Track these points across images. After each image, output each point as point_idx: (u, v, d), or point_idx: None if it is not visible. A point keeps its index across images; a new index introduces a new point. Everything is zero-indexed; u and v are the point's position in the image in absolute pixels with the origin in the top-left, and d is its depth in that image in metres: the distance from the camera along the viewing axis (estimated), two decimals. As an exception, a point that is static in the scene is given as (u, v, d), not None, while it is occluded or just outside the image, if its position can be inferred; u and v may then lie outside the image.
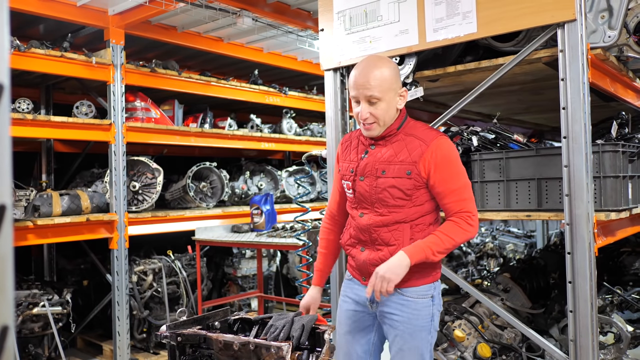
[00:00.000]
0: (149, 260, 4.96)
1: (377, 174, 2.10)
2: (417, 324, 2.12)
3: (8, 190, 0.59)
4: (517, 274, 3.82)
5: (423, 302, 2.13)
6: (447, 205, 2.08)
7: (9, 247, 0.59)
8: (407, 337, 2.12)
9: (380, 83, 2.04)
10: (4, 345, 0.58)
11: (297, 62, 6.09)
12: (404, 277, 2.05)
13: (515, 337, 3.08)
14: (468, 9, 2.62)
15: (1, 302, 0.58)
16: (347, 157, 2.25)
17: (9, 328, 0.59)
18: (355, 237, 2.21)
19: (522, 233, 7.70)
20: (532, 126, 5.27)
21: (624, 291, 3.79)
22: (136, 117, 4.86)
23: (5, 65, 0.57)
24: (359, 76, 2.07)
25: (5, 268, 0.59)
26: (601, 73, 2.72)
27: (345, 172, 2.23)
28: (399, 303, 2.13)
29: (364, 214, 2.16)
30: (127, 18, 4.45)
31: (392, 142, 2.12)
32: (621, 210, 2.63)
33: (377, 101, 2.05)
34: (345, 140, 2.33)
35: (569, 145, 2.39)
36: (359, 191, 2.16)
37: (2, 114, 0.55)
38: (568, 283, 2.39)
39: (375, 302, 2.20)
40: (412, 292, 2.12)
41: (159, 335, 2.08)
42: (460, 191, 2.07)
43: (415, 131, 2.12)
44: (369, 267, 2.15)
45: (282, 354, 1.80)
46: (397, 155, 2.09)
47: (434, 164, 2.04)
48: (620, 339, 3.02)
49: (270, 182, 6.25)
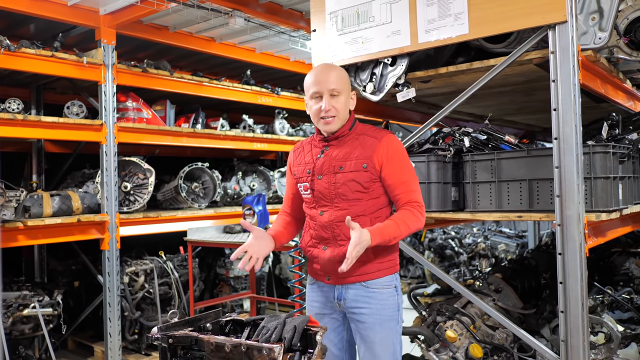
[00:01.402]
0: (140, 261, 4.94)
1: (335, 171, 2.24)
2: (385, 314, 2.24)
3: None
4: (508, 274, 3.83)
5: (388, 292, 2.26)
6: (398, 196, 2.23)
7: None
8: (377, 328, 2.23)
9: (340, 79, 2.25)
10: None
11: (289, 63, 6.09)
12: (368, 270, 2.23)
13: (507, 338, 3.09)
14: (460, 10, 2.62)
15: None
16: (302, 161, 2.38)
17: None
18: (317, 237, 2.31)
19: (513, 233, 7.74)
20: (524, 127, 5.29)
21: (614, 291, 3.81)
22: (128, 117, 4.84)
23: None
24: (320, 73, 2.26)
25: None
26: (592, 74, 2.73)
27: (301, 175, 2.35)
28: (365, 296, 2.24)
29: (324, 211, 2.28)
30: (119, 18, 4.43)
31: (345, 142, 2.28)
32: (612, 211, 2.65)
33: (338, 95, 2.23)
34: (297, 147, 2.48)
35: (560, 147, 2.41)
36: (318, 189, 2.28)
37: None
38: (559, 283, 2.40)
39: (342, 299, 2.29)
40: (376, 284, 2.24)
41: (150, 337, 2.07)
42: (409, 183, 2.23)
43: (366, 131, 2.30)
44: (334, 264, 2.23)
45: (274, 356, 1.80)
46: (352, 152, 2.24)
47: (386, 158, 2.20)
48: (610, 338, 3.03)
49: (262, 183, 6.24)
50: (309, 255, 2.38)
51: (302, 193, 2.37)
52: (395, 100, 3.08)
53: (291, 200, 2.49)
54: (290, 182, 2.47)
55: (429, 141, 3.17)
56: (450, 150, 2.96)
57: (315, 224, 2.30)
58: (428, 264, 3.01)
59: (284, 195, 2.56)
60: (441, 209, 3.00)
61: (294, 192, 2.46)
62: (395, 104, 3.60)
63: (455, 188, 3.10)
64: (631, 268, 4.40)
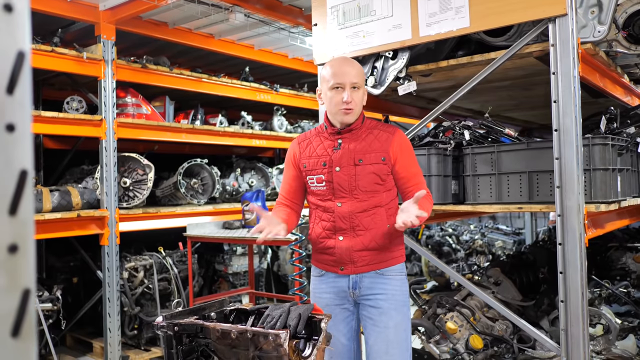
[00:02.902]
0: (140, 257, 4.94)
1: (355, 163, 2.28)
2: (399, 300, 2.32)
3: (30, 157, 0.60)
4: (507, 269, 3.86)
5: (400, 279, 2.36)
6: (410, 187, 2.30)
7: (30, 212, 0.60)
8: (392, 313, 2.29)
9: (360, 73, 2.32)
10: (26, 309, 0.59)
11: (287, 60, 6.10)
12: (383, 259, 2.31)
13: (507, 329, 3.12)
14: (461, 3, 2.65)
15: (23, 265, 0.59)
16: (312, 154, 2.38)
17: (31, 291, 0.60)
18: (332, 228, 2.33)
19: (510, 230, 7.78)
20: (521, 123, 5.32)
21: (612, 285, 3.84)
22: (127, 113, 4.84)
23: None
24: (343, 65, 2.30)
25: (27, 233, 0.60)
26: (591, 68, 2.76)
27: (314, 167, 2.36)
28: (381, 283, 2.31)
29: (342, 202, 2.30)
30: (118, 13, 4.43)
31: (359, 135, 2.33)
32: (610, 202, 2.68)
33: (358, 88, 2.29)
34: (302, 140, 2.48)
35: (560, 138, 2.43)
36: (337, 181, 2.30)
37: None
38: (559, 273, 2.43)
39: (357, 288, 2.34)
40: (390, 271, 2.33)
41: (155, 325, 2.08)
42: (419, 175, 2.35)
43: (376, 126, 2.37)
44: (352, 253, 2.29)
45: (280, 342, 1.82)
46: (370, 146, 2.30)
47: (400, 151, 2.30)
48: (609, 330, 3.07)
49: (261, 180, 6.26)
50: (320, 247, 2.38)
51: (314, 186, 2.36)
52: (394, 94, 3.11)
53: (292, 193, 2.48)
54: (292, 174, 2.46)
55: (430, 134, 3.20)
56: (450, 143, 2.99)
57: (331, 215, 2.32)
58: (429, 255, 3.03)
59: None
60: (442, 202, 3.03)
61: (297, 184, 2.46)
62: (394, 99, 3.62)
63: (455, 181, 3.12)
64: (628, 263, 4.44)
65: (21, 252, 0.59)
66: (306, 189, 2.46)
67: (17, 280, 0.59)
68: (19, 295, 0.59)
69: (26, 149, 0.60)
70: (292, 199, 2.49)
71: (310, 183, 2.38)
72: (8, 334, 0.58)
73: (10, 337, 0.58)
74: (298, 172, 2.43)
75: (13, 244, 0.58)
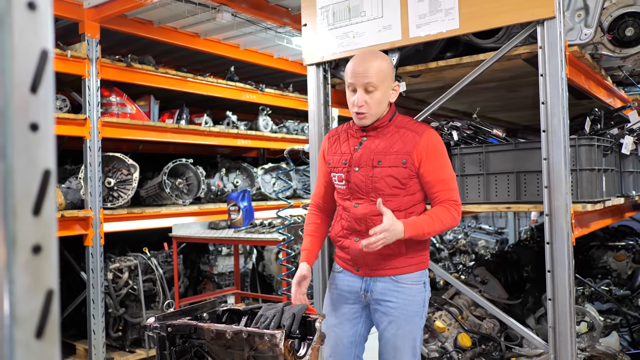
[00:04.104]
0: (124, 258, 4.89)
1: (373, 164, 2.18)
2: (411, 310, 2.20)
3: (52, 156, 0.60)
4: (492, 268, 3.91)
5: (417, 289, 2.22)
6: (435, 194, 2.17)
7: (53, 213, 0.60)
8: (401, 322, 2.19)
9: (378, 73, 2.14)
10: (50, 309, 0.59)
11: (273, 60, 6.09)
12: (398, 265, 2.18)
13: (494, 327, 3.16)
14: (450, 5, 2.67)
15: (46, 265, 0.59)
16: (338, 150, 2.31)
17: (54, 292, 0.60)
18: (349, 228, 2.26)
19: (493, 230, 7.87)
20: (505, 124, 5.39)
21: (594, 283, 3.91)
22: (111, 112, 4.79)
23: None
24: (358, 65, 2.16)
25: (50, 233, 0.59)
26: (577, 70, 2.81)
27: (336, 165, 2.28)
28: (394, 290, 2.20)
29: (358, 204, 2.22)
30: (103, 12, 4.38)
31: (385, 134, 2.20)
32: (596, 202, 2.73)
33: (374, 90, 2.14)
34: (332, 134, 2.40)
35: (548, 139, 2.47)
36: (354, 181, 2.22)
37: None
38: (547, 272, 2.46)
39: (370, 291, 2.26)
40: (406, 279, 2.20)
41: (148, 326, 2.07)
42: (448, 181, 2.18)
43: (406, 124, 2.22)
44: (365, 255, 2.21)
45: (276, 342, 1.82)
46: (392, 146, 2.17)
47: (425, 154, 2.14)
48: (593, 327, 3.12)
49: (246, 180, 6.24)
50: (338, 245, 2.34)
51: (336, 183, 2.31)
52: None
53: (324, 191, 2.42)
54: (323, 170, 2.40)
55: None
56: (440, 143, 3.01)
57: (349, 216, 2.25)
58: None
59: (312, 185, 2.49)
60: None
61: (326, 180, 2.39)
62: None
63: (443, 181, 3.15)
64: (609, 261, 4.53)
65: (45, 252, 0.59)
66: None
67: (41, 280, 0.58)
68: (42, 296, 0.58)
69: (49, 149, 0.60)
70: (324, 196, 2.42)
71: (334, 180, 2.32)
72: (32, 335, 0.57)
73: (34, 339, 0.57)
74: (327, 167, 2.36)
75: (37, 244, 0.58)
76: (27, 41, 0.58)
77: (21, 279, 0.56)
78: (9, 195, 0.56)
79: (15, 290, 0.56)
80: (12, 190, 0.56)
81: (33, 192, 0.58)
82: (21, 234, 0.56)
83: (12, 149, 0.56)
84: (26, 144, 0.57)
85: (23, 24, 0.57)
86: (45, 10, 0.59)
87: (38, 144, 0.58)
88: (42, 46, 0.59)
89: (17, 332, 0.56)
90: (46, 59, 0.59)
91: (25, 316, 0.57)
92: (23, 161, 0.57)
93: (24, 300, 0.57)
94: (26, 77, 0.58)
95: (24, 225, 0.57)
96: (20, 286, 0.56)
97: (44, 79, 0.59)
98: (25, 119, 0.57)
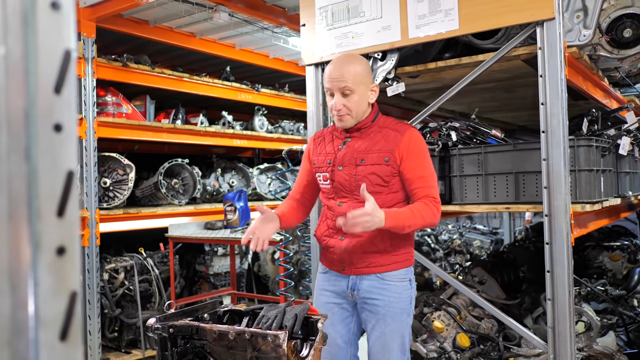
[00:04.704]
0: (120, 258, 4.86)
1: (356, 163, 2.24)
2: (398, 307, 2.25)
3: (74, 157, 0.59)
4: (489, 268, 3.92)
5: (403, 286, 2.27)
6: (415, 190, 2.21)
7: (76, 214, 0.59)
8: (389, 320, 2.24)
9: (354, 76, 2.20)
10: (73, 311, 0.58)
11: (268, 60, 6.08)
12: (384, 262, 2.23)
13: (492, 327, 3.17)
14: (450, 6, 2.68)
15: (70, 267, 0.58)
16: (322, 151, 2.37)
17: (78, 294, 0.59)
18: (334, 227, 2.30)
19: (487, 230, 7.90)
20: (501, 124, 5.40)
21: (589, 283, 3.93)
22: (107, 112, 4.76)
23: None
24: (333, 70, 2.23)
25: (73, 234, 0.59)
26: (575, 71, 2.82)
27: (321, 165, 2.35)
28: (380, 287, 2.25)
29: (343, 202, 2.28)
30: (99, 11, 4.35)
31: (368, 134, 2.27)
32: (595, 203, 2.74)
33: (350, 93, 2.20)
34: (318, 136, 2.47)
35: (547, 139, 2.48)
36: (338, 180, 2.28)
37: None
38: (547, 272, 2.48)
39: (356, 290, 2.29)
40: (392, 276, 2.25)
41: (149, 327, 2.05)
42: (428, 179, 2.23)
43: (389, 124, 2.30)
44: (351, 254, 2.26)
45: (279, 342, 1.81)
46: (374, 145, 2.24)
47: (407, 151, 2.20)
48: (590, 327, 3.14)
49: (241, 180, 6.22)
50: (324, 245, 2.38)
51: (321, 183, 2.37)
52: (381, 95, 3.11)
53: (303, 187, 2.49)
54: (306, 169, 2.46)
55: (417, 135, 3.22)
56: (438, 144, 3.02)
57: (334, 214, 2.30)
58: (420, 256, 3.06)
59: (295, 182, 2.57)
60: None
61: (308, 179, 2.46)
62: (379, 100, 3.64)
63: (441, 182, 3.15)
64: (604, 261, 4.55)
65: (69, 254, 0.58)
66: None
67: (65, 282, 0.58)
68: (66, 298, 0.58)
69: (72, 150, 0.59)
70: (302, 192, 2.49)
71: (318, 180, 2.38)
72: (57, 337, 0.57)
73: (58, 341, 0.57)
74: (311, 167, 2.43)
75: (61, 246, 0.58)
76: (51, 41, 0.57)
77: (46, 281, 0.56)
78: (33, 196, 0.55)
79: (40, 292, 0.55)
80: (36, 191, 0.55)
81: (57, 193, 0.57)
82: (45, 236, 0.56)
83: (36, 150, 0.56)
84: (50, 145, 0.57)
85: (47, 24, 0.57)
86: (69, 10, 0.59)
87: (62, 144, 0.58)
88: (65, 46, 0.59)
89: (42, 334, 0.55)
90: (69, 60, 0.59)
91: (50, 318, 0.56)
92: (47, 162, 0.56)
93: (49, 302, 0.56)
94: (50, 77, 0.57)
95: (48, 226, 0.56)
96: (44, 288, 0.56)
97: (67, 79, 0.59)
98: (50, 119, 0.57)
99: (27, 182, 0.55)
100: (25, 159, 0.55)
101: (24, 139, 0.55)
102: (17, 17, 0.55)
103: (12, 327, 0.54)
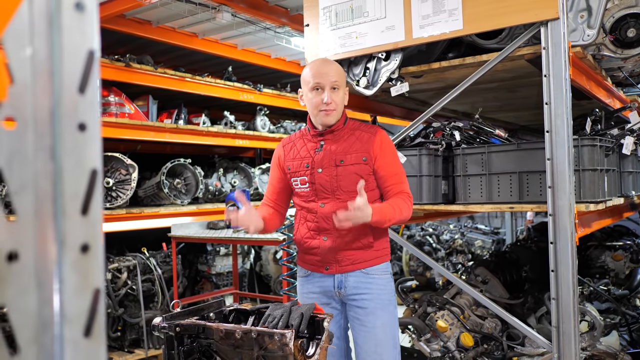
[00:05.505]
0: (123, 258, 4.87)
1: (336, 164, 2.33)
2: (385, 299, 2.35)
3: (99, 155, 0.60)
4: (491, 267, 3.92)
5: (386, 278, 2.39)
6: (390, 187, 2.33)
7: (100, 212, 0.60)
8: (378, 312, 2.32)
9: (340, 73, 2.36)
10: (97, 308, 0.59)
11: (270, 60, 6.09)
12: (367, 258, 2.33)
13: (496, 327, 3.18)
14: (454, 6, 2.69)
15: (94, 265, 0.59)
16: (296, 156, 2.43)
17: (101, 291, 0.60)
18: (316, 229, 2.37)
19: (489, 230, 7.90)
20: (503, 124, 5.41)
21: (593, 282, 3.94)
22: (110, 112, 4.77)
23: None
24: (321, 66, 2.34)
25: (97, 233, 0.60)
26: (579, 71, 2.83)
27: (297, 169, 2.40)
28: (366, 282, 2.34)
29: (325, 203, 2.34)
30: (102, 11, 4.35)
31: (341, 136, 2.36)
32: (599, 202, 2.75)
33: (338, 89, 2.32)
34: (287, 142, 2.52)
35: (552, 139, 2.49)
36: (319, 182, 2.34)
37: None
38: (551, 271, 2.48)
39: (343, 287, 2.36)
40: (375, 271, 2.36)
41: (155, 326, 2.06)
42: (400, 176, 2.36)
43: (359, 127, 2.41)
44: (335, 253, 2.34)
45: (286, 341, 1.82)
46: (351, 147, 2.34)
47: (380, 151, 2.33)
48: (594, 327, 3.14)
49: (243, 180, 6.23)
50: (305, 247, 2.43)
51: (298, 187, 2.41)
52: (383, 95, 3.14)
53: (276, 194, 2.53)
54: (277, 176, 2.51)
55: (420, 135, 3.23)
56: (442, 144, 3.03)
57: (315, 216, 2.36)
58: (424, 256, 3.07)
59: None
60: (432, 202, 3.06)
61: (280, 186, 2.51)
62: (383, 100, 3.66)
63: (445, 181, 3.17)
64: (607, 261, 4.56)
65: (92, 252, 0.59)
66: (291, 191, 2.50)
67: (89, 280, 0.59)
68: (90, 295, 0.59)
69: (96, 149, 0.60)
70: (276, 200, 2.54)
71: (294, 185, 2.43)
72: (81, 334, 0.58)
73: (83, 338, 0.58)
74: (283, 174, 2.48)
75: (85, 243, 0.58)
76: (75, 41, 0.58)
77: (70, 278, 0.57)
78: (58, 195, 0.56)
79: (64, 289, 0.56)
80: (61, 190, 0.56)
81: (81, 192, 0.58)
82: (70, 234, 0.57)
83: (61, 149, 0.56)
84: (75, 144, 0.58)
85: (71, 24, 0.57)
86: (92, 10, 0.59)
87: (86, 143, 0.59)
88: (89, 47, 0.59)
89: (66, 331, 0.56)
90: (93, 59, 0.59)
91: (75, 315, 0.57)
92: (72, 161, 0.57)
93: (73, 299, 0.57)
94: (74, 77, 0.58)
95: (73, 225, 0.57)
96: (69, 285, 0.57)
97: (91, 79, 0.59)
98: (74, 119, 0.58)
99: (53, 180, 0.56)
100: (50, 158, 0.56)
101: (50, 138, 0.56)
102: (43, 18, 0.56)
103: (38, 323, 0.55)
